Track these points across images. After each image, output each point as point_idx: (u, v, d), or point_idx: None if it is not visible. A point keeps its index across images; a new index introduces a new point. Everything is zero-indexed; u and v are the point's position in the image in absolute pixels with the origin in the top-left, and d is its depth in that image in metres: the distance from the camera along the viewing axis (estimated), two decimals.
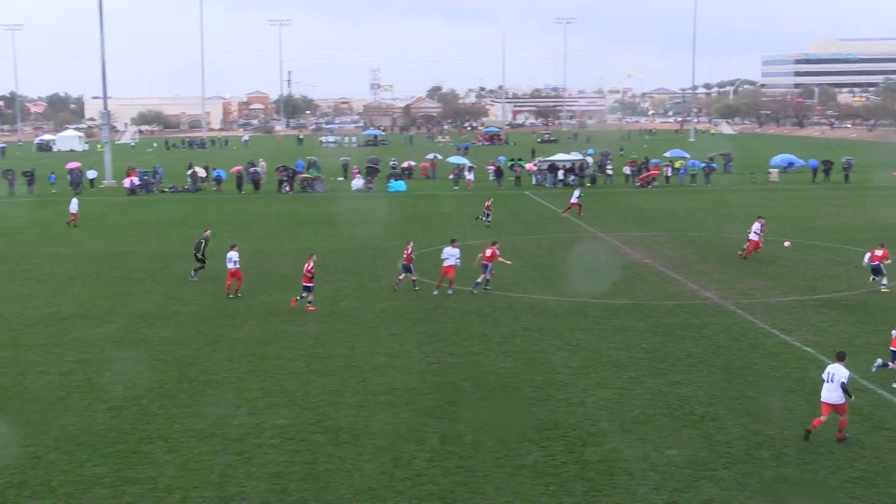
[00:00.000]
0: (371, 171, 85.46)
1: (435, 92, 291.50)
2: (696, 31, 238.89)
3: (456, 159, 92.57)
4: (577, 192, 60.27)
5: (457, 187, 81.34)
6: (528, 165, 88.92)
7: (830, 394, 20.28)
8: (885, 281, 36.21)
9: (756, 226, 42.54)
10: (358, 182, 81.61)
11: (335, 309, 33.33)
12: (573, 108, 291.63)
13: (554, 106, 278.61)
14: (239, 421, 21.96)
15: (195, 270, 39.05)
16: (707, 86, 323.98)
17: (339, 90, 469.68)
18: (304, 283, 33.28)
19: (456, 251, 35.37)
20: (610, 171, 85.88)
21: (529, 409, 22.54)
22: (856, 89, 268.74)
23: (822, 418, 20.34)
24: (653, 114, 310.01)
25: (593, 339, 28.99)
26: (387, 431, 21.18)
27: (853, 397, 20.45)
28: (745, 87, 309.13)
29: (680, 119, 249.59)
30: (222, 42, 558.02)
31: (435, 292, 35.24)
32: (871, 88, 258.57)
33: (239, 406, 23.02)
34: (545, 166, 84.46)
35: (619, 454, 19.73)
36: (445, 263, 35.22)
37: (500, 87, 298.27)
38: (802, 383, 24.33)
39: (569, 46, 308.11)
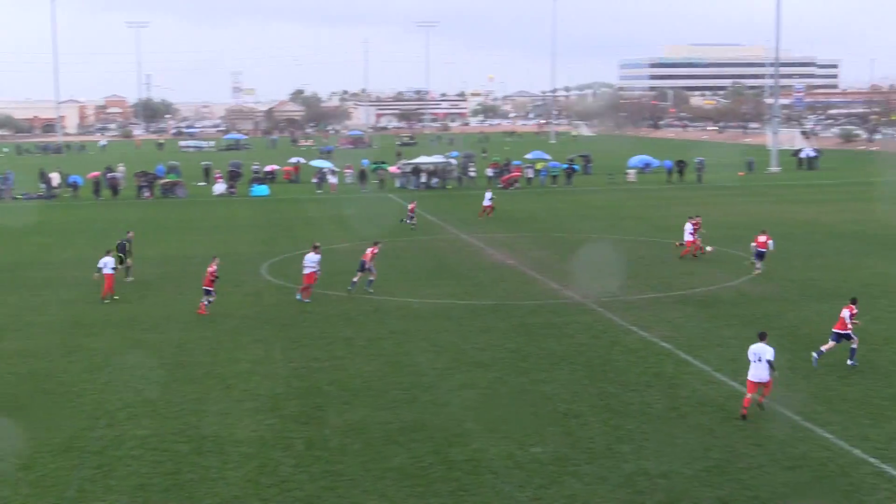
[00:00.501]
0: (233, 176, 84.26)
1: (298, 95, 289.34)
2: (555, 35, 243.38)
3: (319, 163, 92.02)
4: (488, 195, 60.67)
5: (320, 191, 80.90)
6: (392, 168, 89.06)
7: (759, 372, 21.74)
8: (758, 265, 38.83)
9: (688, 226, 43.49)
10: (220, 187, 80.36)
11: (198, 316, 32.72)
12: (436, 110, 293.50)
13: (417, 109, 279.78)
14: (98, 433, 21.33)
15: (127, 269, 39.20)
16: (567, 88, 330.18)
17: (201, 94, 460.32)
18: (205, 286, 33.03)
19: (317, 257, 35.01)
20: (473, 174, 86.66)
21: (395, 412, 22.56)
22: (707, 92, 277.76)
23: (749, 396, 21.82)
24: (514, 116, 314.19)
25: (458, 340, 29.20)
26: (252, 438, 20.90)
27: (776, 371, 22.04)
28: (604, 89, 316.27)
29: (542, 121, 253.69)
30: (77, 44, 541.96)
31: (298, 297, 34.92)
32: (720, 92, 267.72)
33: (98, 418, 22.36)
34: (409, 169, 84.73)
35: (485, 453, 19.91)
36: (305, 271, 34.86)
37: (364, 91, 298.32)
38: (660, 378, 25.01)
39: (431, 50, 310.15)
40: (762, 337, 22.37)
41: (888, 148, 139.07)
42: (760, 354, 21.89)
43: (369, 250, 36.53)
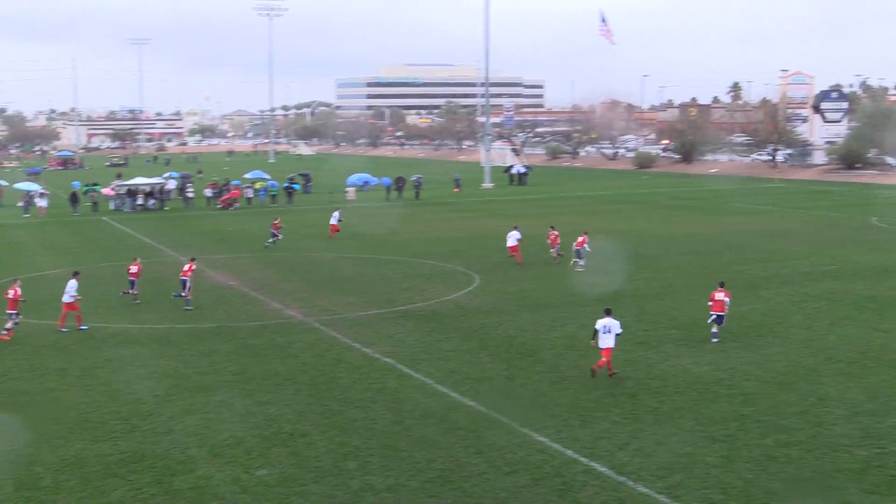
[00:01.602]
0: None
1: None
2: (272, 54, 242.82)
3: (25, 185, 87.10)
4: (336, 214, 59.50)
5: (27, 215, 76.60)
6: (105, 190, 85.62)
7: (607, 341, 26.11)
8: (581, 262, 44.94)
9: (515, 233, 47.89)
10: None
11: None
12: (152, 130, 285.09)
13: (131, 129, 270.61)
14: None
15: None
16: (285, 107, 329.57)
17: None
18: (9, 310, 31.33)
19: (76, 284, 33.15)
20: (191, 194, 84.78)
21: (114, 443, 21.65)
22: (422, 111, 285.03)
23: (604, 360, 26.10)
24: (232, 135, 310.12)
25: (179, 365, 28.43)
26: None
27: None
28: (322, 108, 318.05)
29: (262, 140, 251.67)
30: None
31: (63, 329, 32.75)
32: (435, 110, 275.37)
33: None
34: (123, 191, 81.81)
35: (210, 480, 19.48)
36: (65, 299, 32.86)
37: (73, 110, 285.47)
38: (383, 393, 25.34)
39: (145, 68, 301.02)
40: (608, 312, 26.68)
41: (589, 164, 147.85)
42: (609, 326, 26.16)
43: (187, 266, 37.08)
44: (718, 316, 30.51)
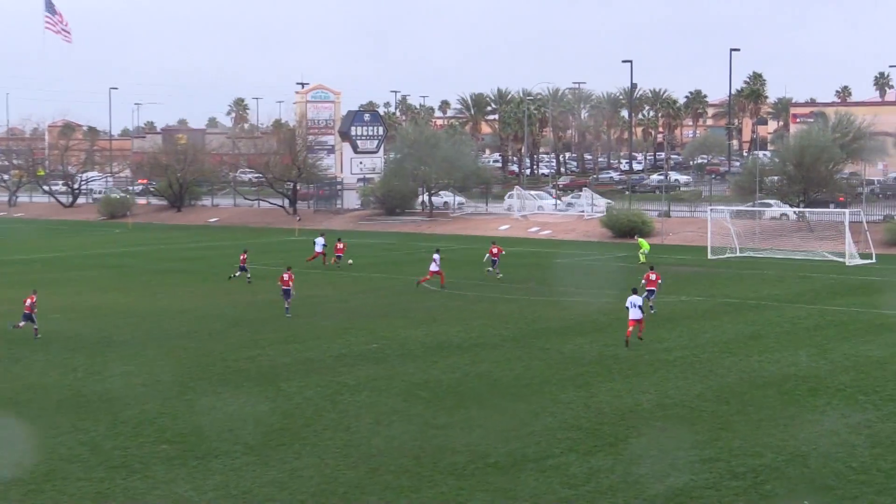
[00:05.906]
0: None
1: None
2: None
3: None
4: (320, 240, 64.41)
5: None
6: None
7: (635, 314, 44.66)
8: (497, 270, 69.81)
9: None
10: None
11: None
12: None
13: None
14: None
15: None
16: None
17: None
18: None
19: None
20: None
21: None
22: None
23: (631, 329, 45.04)
24: None
25: None
26: None
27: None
28: None
29: None
30: None
31: None
32: None
33: None
34: None
35: None
36: None
37: None
38: None
39: None
40: (635, 291, 46.12)
41: (36, 213, 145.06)
42: (636, 302, 44.86)
43: (28, 300, 48.44)
44: (650, 291, 52.97)
